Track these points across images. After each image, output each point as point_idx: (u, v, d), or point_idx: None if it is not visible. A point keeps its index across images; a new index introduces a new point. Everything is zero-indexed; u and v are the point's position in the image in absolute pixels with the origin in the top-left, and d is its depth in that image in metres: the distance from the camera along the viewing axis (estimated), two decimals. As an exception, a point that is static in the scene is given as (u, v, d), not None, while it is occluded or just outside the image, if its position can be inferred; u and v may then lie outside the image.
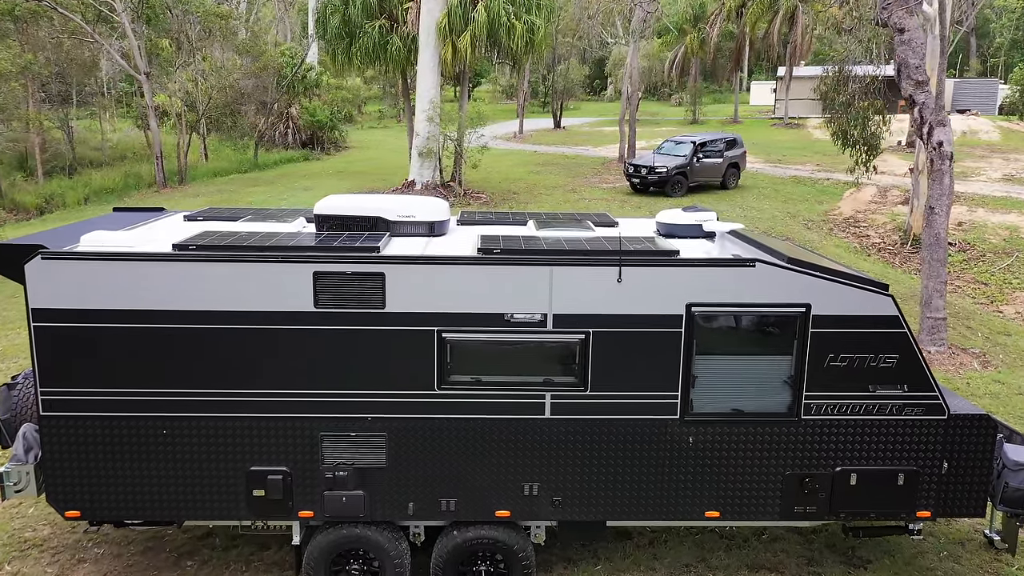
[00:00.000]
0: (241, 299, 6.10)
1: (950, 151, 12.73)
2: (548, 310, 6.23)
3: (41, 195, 28.57)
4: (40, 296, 6.02)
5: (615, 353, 6.29)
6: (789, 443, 6.47)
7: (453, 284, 6.16)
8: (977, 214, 21.78)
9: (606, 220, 7.97)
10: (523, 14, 24.43)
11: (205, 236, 6.50)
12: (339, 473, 6.38)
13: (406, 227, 7.07)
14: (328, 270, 6.11)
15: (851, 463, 6.50)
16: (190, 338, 6.13)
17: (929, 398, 6.41)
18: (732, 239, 7.21)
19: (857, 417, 6.43)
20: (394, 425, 6.36)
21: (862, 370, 6.35)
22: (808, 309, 6.24)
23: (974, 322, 14.94)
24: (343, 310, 6.15)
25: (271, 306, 6.13)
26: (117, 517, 6.51)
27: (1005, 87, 50.04)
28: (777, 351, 6.36)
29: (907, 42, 12.40)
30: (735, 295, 6.22)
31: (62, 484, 6.33)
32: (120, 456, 6.29)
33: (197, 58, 32.80)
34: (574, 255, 6.26)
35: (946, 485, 6.60)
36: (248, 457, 6.35)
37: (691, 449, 6.47)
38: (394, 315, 6.18)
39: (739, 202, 24.27)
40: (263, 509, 6.45)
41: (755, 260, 6.23)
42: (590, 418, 6.41)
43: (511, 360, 6.30)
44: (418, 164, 24.96)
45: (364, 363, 6.25)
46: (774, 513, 6.61)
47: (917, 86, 12.53)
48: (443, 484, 6.47)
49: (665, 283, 6.20)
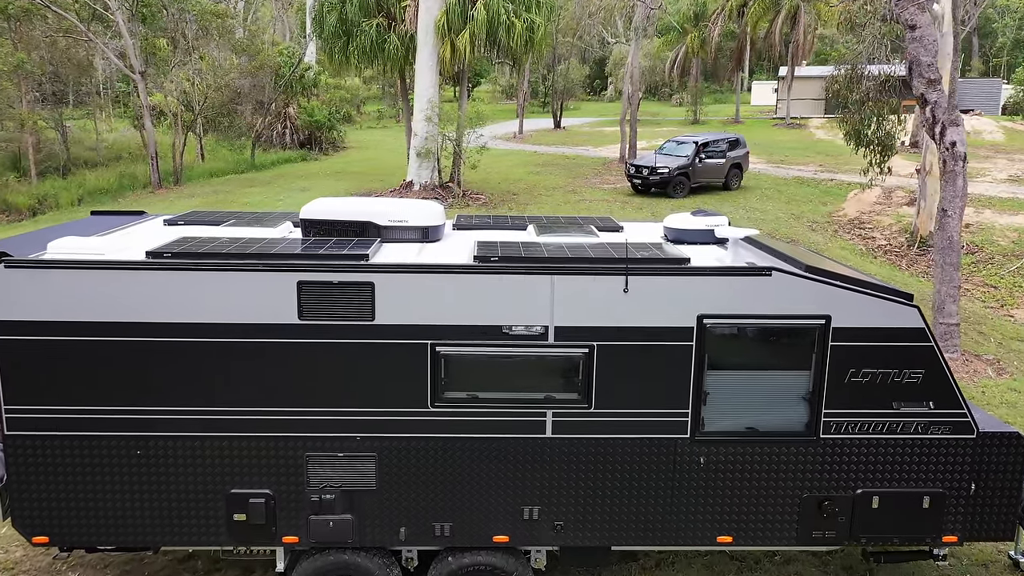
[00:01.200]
0: (220, 311, 5.70)
1: (963, 151, 12.32)
2: (549, 322, 5.82)
3: (34, 196, 28.19)
4: (3, 307, 5.61)
5: (621, 368, 5.89)
6: (807, 464, 6.07)
7: (447, 294, 5.76)
8: (984, 215, 21.41)
9: (610, 224, 7.57)
10: (523, 12, 24.06)
11: (181, 243, 6.09)
12: (326, 496, 5.98)
13: (398, 232, 6.66)
14: (313, 279, 5.70)
15: (873, 485, 6.10)
16: (165, 352, 5.72)
17: (957, 416, 6.01)
18: (746, 246, 6.80)
19: (880, 436, 6.03)
20: (384, 445, 5.95)
21: (885, 386, 5.94)
22: (828, 321, 5.84)
23: (986, 327, 14.55)
24: (329, 322, 5.75)
25: (252, 318, 5.72)
26: (88, 543, 6.11)
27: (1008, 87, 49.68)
28: (794, 366, 5.96)
29: (919, 39, 12.02)
30: (750, 306, 5.81)
31: (29, 508, 5.92)
32: (91, 478, 5.88)
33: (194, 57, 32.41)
34: (577, 263, 5.86)
35: (974, 508, 6.20)
36: (228, 479, 5.94)
37: (702, 470, 6.07)
38: (384, 327, 5.78)
39: (742, 203, 23.91)
40: (245, 534, 6.05)
41: (771, 269, 5.83)
42: (594, 437, 6.01)
43: (510, 376, 5.90)
44: (416, 165, 24.61)
45: (352, 379, 5.84)
46: (791, 538, 6.21)
47: (929, 84, 12.14)
48: (437, 508, 6.07)
49: (675, 293, 5.80)
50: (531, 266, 5.81)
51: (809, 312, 5.84)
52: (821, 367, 5.91)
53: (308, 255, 5.85)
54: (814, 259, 6.53)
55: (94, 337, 5.68)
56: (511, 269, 5.79)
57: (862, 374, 5.93)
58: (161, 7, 31.24)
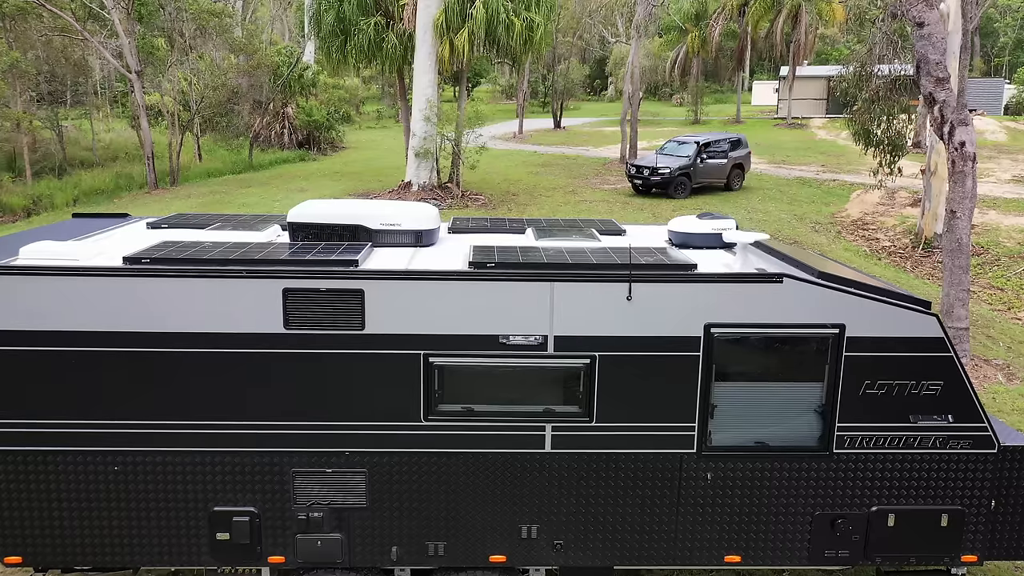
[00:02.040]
0: (202, 319, 5.42)
1: (973, 152, 12.02)
2: (548, 331, 5.55)
3: (29, 196, 27.95)
4: (-28, 316, 5.33)
5: (624, 380, 5.61)
6: (819, 480, 5.80)
7: (441, 302, 5.49)
8: (989, 216, 21.15)
9: (612, 228, 7.29)
10: (522, 11, 23.79)
11: (162, 248, 5.80)
12: (314, 514, 5.71)
13: (390, 237, 6.38)
14: (300, 286, 5.42)
15: (889, 502, 5.83)
16: (143, 364, 5.44)
17: (977, 429, 5.72)
18: (755, 251, 6.51)
19: (896, 451, 5.76)
20: (375, 460, 5.68)
21: (902, 398, 5.67)
22: (842, 330, 5.56)
23: (994, 330, 14.28)
24: (317, 332, 5.47)
25: (236, 327, 5.45)
26: (64, 563, 5.84)
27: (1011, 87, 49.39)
28: (807, 377, 5.69)
29: (927, 37, 11.72)
30: (760, 315, 5.54)
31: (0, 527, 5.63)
32: (66, 496, 5.60)
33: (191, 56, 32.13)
34: (578, 269, 5.59)
35: (994, 525, 5.92)
36: (211, 496, 5.67)
37: (709, 487, 5.79)
38: (375, 337, 5.50)
39: (744, 204, 23.66)
40: (228, 554, 5.77)
41: (782, 275, 5.55)
42: (596, 452, 5.73)
43: (507, 388, 5.63)
44: (415, 165, 24.36)
45: (341, 391, 5.57)
46: (802, 558, 5.93)
47: (937, 83, 11.84)
48: (431, 526, 5.80)
49: (681, 301, 5.52)
50: (529, 272, 5.56)
51: (822, 321, 5.57)
52: (835, 379, 5.65)
53: (295, 261, 5.58)
54: (827, 265, 6.26)
55: (69, 347, 5.41)
56: (508, 276, 5.54)
57: (878, 386, 5.67)
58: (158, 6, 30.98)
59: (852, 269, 6.72)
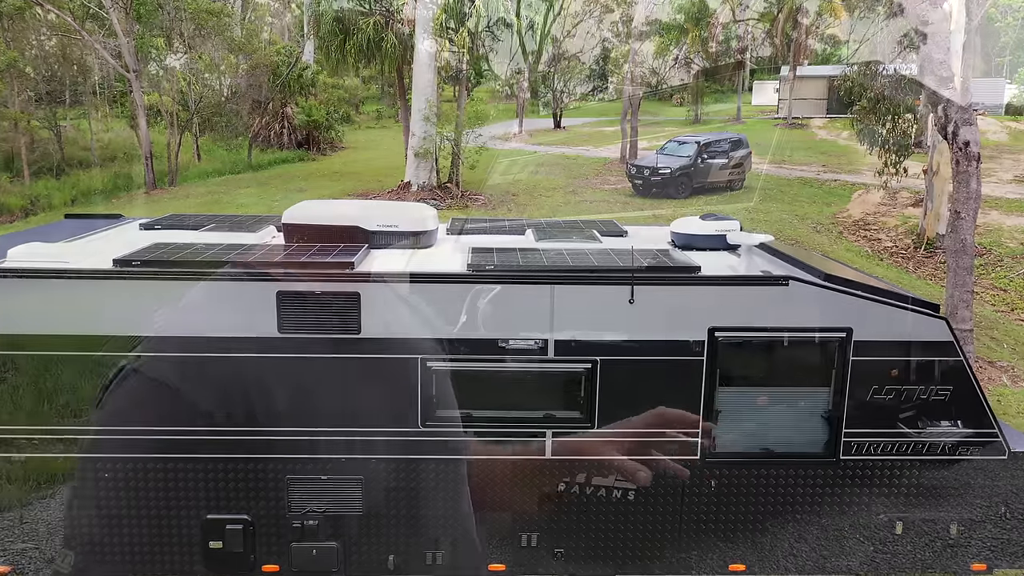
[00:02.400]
0: (192, 323, 5.31)
1: (977, 151, 11.91)
2: (549, 335, 5.44)
3: (27, 196, 27.84)
4: (-42, 320, 5.21)
5: (626, 385, 5.50)
6: (826, 487, 5.68)
7: (439, 305, 5.38)
8: (991, 216, 21.03)
9: (614, 229, 7.17)
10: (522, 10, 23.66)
11: (153, 250, 5.68)
12: (308, 522, 5.59)
13: (387, 238, 6.26)
14: (294, 289, 5.31)
15: (897, 510, 5.71)
16: (133, 368, 5.31)
17: (988, 435, 5.62)
18: (760, 253, 6.40)
19: (904, 457, 5.65)
20: (371, 467, 5.56)
21: (911, 404, 5.56)
22: (849, 334, 5.45)
23: (998, 332, 14.16)
24: (312, 336, 5.35)
25: (228, 331, 5.33)
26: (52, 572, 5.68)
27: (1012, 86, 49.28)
28: (813, 382, 5.59)
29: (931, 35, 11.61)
30: (765, 318, 5.44)
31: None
32: (53, 503, 5.46)
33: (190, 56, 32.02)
34: (579, 272, 5.47)
35: (1005, 533, 5.79)
36: (203, 504, 5.55)
37: (713, 494, 5.68)
38: (371, 341, 5.38)
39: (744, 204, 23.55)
40: (221, 563, 5.65)
41: (788, 278, 5.44)
42: (597, 458, 5.60)
43: (506, 393, 5.53)
44: (414, 165, 24.28)
45: (336, 396, 5.45)
46: (808, 566, 5.81)
47: (941, 82, 11.73)
48: (428, 534, 5.68)
49: (684, 304, 5.42)
50: (529, 275, 5.44)
51: (829, 324, 5.46)
52: (842, 383, 5.54)
53: (289, 263, 5.46)
54: (834, 267, 6.15)
55: (57, 352, 5.30)
56: (508, 278, 5.42)
57: (886, 391, 5.56)
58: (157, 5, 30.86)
59: (858, 271, 6.61)
